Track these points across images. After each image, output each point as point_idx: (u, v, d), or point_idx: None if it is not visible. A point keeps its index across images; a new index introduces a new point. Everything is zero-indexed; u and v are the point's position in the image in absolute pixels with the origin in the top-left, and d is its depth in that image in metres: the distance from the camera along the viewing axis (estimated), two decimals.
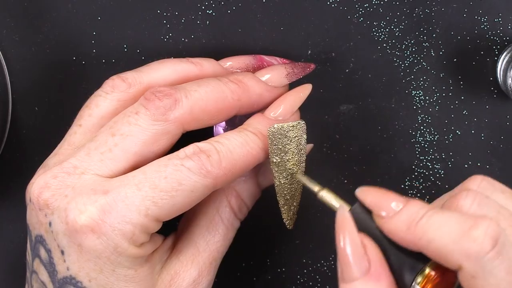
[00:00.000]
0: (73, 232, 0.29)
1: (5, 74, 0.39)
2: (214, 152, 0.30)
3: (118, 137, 0.30)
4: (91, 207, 0.29)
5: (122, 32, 0.39)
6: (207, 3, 0.38)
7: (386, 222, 0.28)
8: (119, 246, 0.29)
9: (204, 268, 0.32)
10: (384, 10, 0.39)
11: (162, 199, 0.29)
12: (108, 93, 0.33)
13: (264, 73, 0.35)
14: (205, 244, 0.33)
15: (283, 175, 0.33)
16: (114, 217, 0.29)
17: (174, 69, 0.34)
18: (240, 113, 0.34)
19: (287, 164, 0.33)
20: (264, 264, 0.40)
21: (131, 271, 0.30)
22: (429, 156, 0.39)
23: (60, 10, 0.39)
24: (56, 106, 0.39)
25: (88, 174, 0.30)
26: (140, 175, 0.29)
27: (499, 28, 0.39)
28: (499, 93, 0.39)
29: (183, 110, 0.31)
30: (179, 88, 0.31)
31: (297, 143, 0.32)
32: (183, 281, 0.32)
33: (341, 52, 0.39)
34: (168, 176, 0.29)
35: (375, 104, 0.39)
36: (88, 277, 0.29)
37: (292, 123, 0.32)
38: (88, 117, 0.33)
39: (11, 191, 0.40)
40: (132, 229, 0.29)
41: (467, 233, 0.25)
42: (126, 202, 0.29)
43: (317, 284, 0.40)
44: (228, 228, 0.33)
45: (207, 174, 0.29)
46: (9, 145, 0.40)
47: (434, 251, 0.26)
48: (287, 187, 0.33)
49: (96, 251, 0.29)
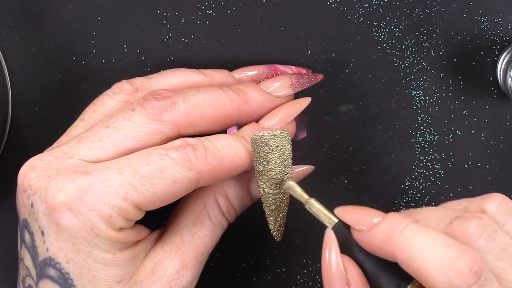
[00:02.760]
0: (51, 210, 0.29)
1: (5, 74, 0.39)
2: (201, 147, 0.30)
3: (111, 129, 0.31)
4: (70, 185, 0.29)
5: (122, 32, 0.39)
6: (207, 3, 0.38)
7: (365, 234, 0.28)
8: (96, 227, 0.29)
9: (189, 260, 0.32)
10: (384, 10, 0.39)
11: (142, 185, 0.29)
12: (115, 93, 0.34)
13: (269, 83, 0.35)
14: (191, 237, 0.32)
15: (267, 185, 0.32)
16: (92, 197, 0.29)
17: (184, 78, 0.35)
18: (241, 122, 0.34)
19: (270, 174, 0.32)
20: (264, 264, 0.40)
21: (109, 255, 0.30)
22: (429, 156, 0.39)
23: (60, 10, 0.39)
24: (56, 106, 0.39)
25: (74, 158, 0.30)
26: (124, 161, 0.30)
27: (499, 28, 0.39)
28: (499, 93, 0.39)
29: (179, 113, 0.31)
30: (178, 92, 0.32)
31: (280, 153, 0.32)
32: (166, 270, 0.31)
33: (341, 52, 0.39)
34: (150, 163, 0.29)
35: (375, 104, 0.39)
36: (66, 258, 0.30)
37: (273, 132, 0.32)
38: (91, 112, 0.33)
39: (11, 191, 0.40)
40: (109, 211, 0.29)
41: (453, 263, 0.25)
42: (105, 183, 0.29)
43: (317, 284, 0.40)
44: (215, 225, 0.33)
45: (191, 167, 0.29)
46: (9, 145, 0.40)
47: (413, 269, 0.26)
48: (272, 197, 0.33)
49: (72, 230, 0.29)
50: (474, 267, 0.25)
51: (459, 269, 0.25)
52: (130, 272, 0.31)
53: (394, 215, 0.28)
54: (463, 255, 0.25)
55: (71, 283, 0.30)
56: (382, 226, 0.27)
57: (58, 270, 0.30)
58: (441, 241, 0.26)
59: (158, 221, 0.39)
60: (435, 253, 0.25)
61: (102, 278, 0.30)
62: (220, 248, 0.40)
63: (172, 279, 0.31)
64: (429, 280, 0.25)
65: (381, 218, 0.28)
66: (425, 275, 0.25)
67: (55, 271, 0.30)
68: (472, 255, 0.25)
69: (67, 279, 0.30)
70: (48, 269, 0.30)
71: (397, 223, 0.27)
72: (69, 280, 0.30)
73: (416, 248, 0.26)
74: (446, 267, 0.25)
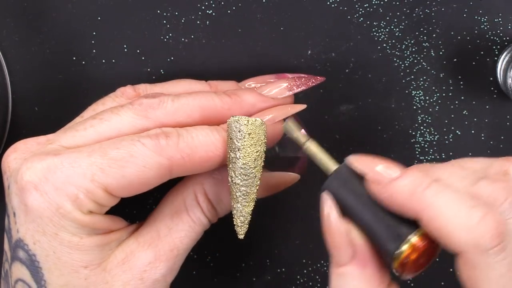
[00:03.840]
0: (21, 190, 0.29)
1: (5, 74, 0.39)
2: (174, 134, 0.30)
3: (97, 120, 0.31)
4: (38, 164, 0.29)
5: (122, 32, 0.39)
6: (207, 3, 0.38)
7: (385, 187, 0.27)
8: (61, 207, 0.29)
9: (163, 253, 0.32)
10: (384, 10, 0.39)
11: (110, 167, 0.29)
12: (117, 96, 0.34)
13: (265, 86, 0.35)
14: (167, 231, 0.32)
15: (235, 174, 0.31)
16: (58, 177, 0.29)
17: (188, 87, 0.35)
18: None
19: (239, 162, 0.31)
20: (264, 264, 0.40)
21: (76, 238, 0.29)
22: (429, 156, 0.39)
23: (60, 10, 0.39)
24: (56, 106, 0.39)
25: (54, 144, 0.31)
26: (96, 146, 0.30)
27: (499, 28, 0.39)
28: (499, 93, 0.39)
29: (166, 111, 0.31)
30: (170, 94, 0.32)
31: (252, 142, 0.31)
32: (138, 261, 0.31)
33: (341, 52, 0.39)
34: (121, 148, 0.29)
35: (375, 104, 0.39)
36: (33, 239, 0.29)
37: (248, 118, 0.31)
38: (91, 111, 0.34)
39: None
40: (75, 192, 0.29)
41: (477, 224, 0.25)
42: (73, 164, 0.29)
43: (317, 284, 0.40)
44: (194, 221, 0.33)
45: (162, 153, 0.29)
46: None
47: (435, 228, 0.26)
48: (238, 189, 0.31)
49: (38, 210, 0.29)
50: (499, 229, 0.25)
51: (483, 230, 0.25)
52: (98, 258, 0.30)
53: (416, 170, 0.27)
54: (488, 216, 0.25)
55: (37, 265, 0.30)
56: (404, 181, 0.27)
57: (26, 251, 0.30)
58: (466, 201, 0.26)
59: None
60: (460, 213, 0.25)
61: (67, 261, 0.30)
62: (220, 248, 0.40)
63: (144, 270, 0.31)
64: (453, 239, 0.25)
65: (401, 172, 0.27)
66: (449, 234, 0.25)
67: (23, 253, 0.30)
68: (497, 216, 0.25)
69: (34, 261, 0.30)
70: (18, 251, 0.30)
71: (420, 179, 0.26)
72: (35, 262, 0.30)
73: (439, 207, 0.26)
74: (470, 227, 0.25)
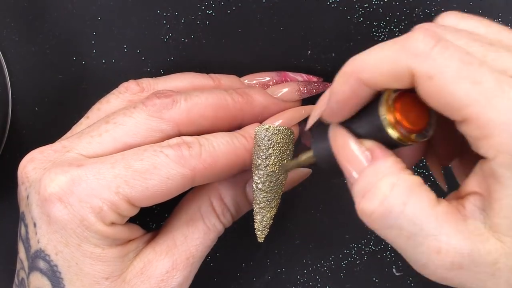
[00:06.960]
0: (43, 201, 0.29)
1: (5, 74, 0.39)
2: (196, 144, 0.30)
3: (111, 124, 0.31)
4: (62, 176, 0.29)
5: (122, 32, 0.39)
6: (207, 3, 0.38)
7: None
8: (86, 219, 0.29)
9: (180, 261, 0.32)
10: (384, 10, 0.39)
11: (134, 179, 0.29)
12: (121, 92, 0.34)
13: (276, 88, 0.36)
14: (183, 239, 0.32)
15: (261, 180, 0.32)
16: (83, 189, 0.29)
17: (191, 81, 0.35)
18: (244, 123, 0.34)
19: (267, 169, 0.31)
20: (264, 264, 0.40)
21: (98, 249, 0.30)
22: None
23: (60, 10, 0.39)
24: (56, 106, 0.39)
25: (72, 152, 0.30)
26: (118, 156, 0.30)
27: None
28: None
29: (180, 111, 0.31)
30: (181, 92, 0.32)
31: (281, 150, 0.32)
32: (155, 270, 0.31)
33: (341, 52, 0.39)
34: (144, 159, 0.29)
35: None
36: (55, 250, 0.30)
37: (279, 127, 0.31)
38: (96, 110, 0.34)
39: (11, 191, 0.40)
40: (99, 204, 0.29)
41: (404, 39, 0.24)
42: (97, 176, 0.29)
43: (317, 284, 0.40)
44: (209, 228, 0.33)
45: (185, 164, 0.29)
46: (9, 145, 0.40)
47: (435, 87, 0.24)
48: (263, 195, 0.32)
49: (62, 221, 0.29)
50: (428, 33, 0.24)
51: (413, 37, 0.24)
52: (118, 269, 0.31)
53: None
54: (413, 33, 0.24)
55: (59, 276, 0.30)
56: None
57: (47, 262, 0.30)
58: None
59: (158, 221, 0.39)
60: None
61: (89, 273, 0.30)
62: (221, 248, 0.40)
63: (162, 280, 0.31)
64: None
65: None
66: None
67: (44, 263, 0.30)
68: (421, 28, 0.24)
69: (55, 271, 0.30)
70: (39, 261, 0.30)
71: None
72: (57, 273, 0.30)
73: None
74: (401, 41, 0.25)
